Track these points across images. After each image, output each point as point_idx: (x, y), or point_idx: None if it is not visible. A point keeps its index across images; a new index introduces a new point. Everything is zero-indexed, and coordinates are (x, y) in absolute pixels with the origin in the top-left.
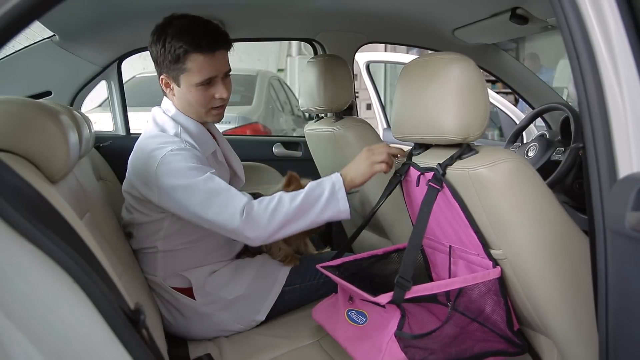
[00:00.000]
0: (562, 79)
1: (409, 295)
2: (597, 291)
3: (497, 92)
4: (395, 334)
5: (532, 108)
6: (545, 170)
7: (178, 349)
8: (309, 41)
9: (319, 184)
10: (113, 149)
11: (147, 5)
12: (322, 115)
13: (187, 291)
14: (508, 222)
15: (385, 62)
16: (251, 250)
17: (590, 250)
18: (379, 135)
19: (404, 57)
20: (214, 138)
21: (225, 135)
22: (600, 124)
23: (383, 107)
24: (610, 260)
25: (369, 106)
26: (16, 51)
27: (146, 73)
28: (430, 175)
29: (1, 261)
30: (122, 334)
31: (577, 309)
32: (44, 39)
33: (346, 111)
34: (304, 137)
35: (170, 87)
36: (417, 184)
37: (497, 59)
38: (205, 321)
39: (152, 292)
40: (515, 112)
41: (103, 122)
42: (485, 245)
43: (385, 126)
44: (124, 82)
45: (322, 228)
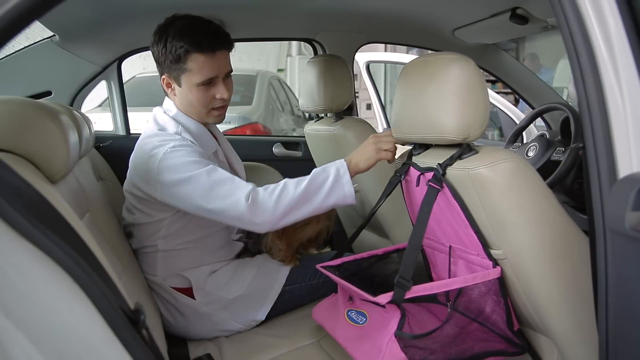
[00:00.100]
0: (562, 79)
1: (409, 295)
2: (597, 291)
3: (497, 92)
4: (395, 334)
5: (532, 108)
6: (545, 170)
7: (178, 349)
8: (309, 41)
9: (324, 169)
10: (113, 149)
11: (147, 5)
12: (322, 115)
13: (187, 291)
14: (508, 222)
15: (385, 62)
16: (251, 250)
17: (590, 250)
18: None
19: (404, 57)
20: (215, 138)
21: (225, 136)
22: (600, 124)
23: (383, 107)
24: (610, 260)
25: (369, 106)
26: (16, 51)
27: (146, 73)
28: (430, 175)
29: (1, 261)
30: (122, 334)
31: (577, 309)
32: (44, 39)
33: (346, 111)
34: (304, 137)
35: (172, 87)
36: (417, 184)
37: (497, 59)
38: (205, 321)
39: (152, 292)
40: (515, 112)
41: (103, 122)
42: (485, 245)
43: (385, 126)
44: (124, 82)
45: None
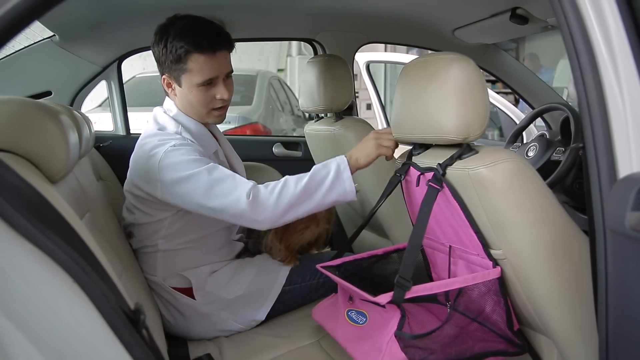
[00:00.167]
0: (562, 79)
1: (409, 295)
2: (597, 291)
3: (497, 92)
4: (395, 334)
5: (532, 108)
6: (545, 170)
7: (178, 349)
8: (309, 41)
9: (324, 166)
10: (113, 149)
11: (147, 5)
12: (322, 115)
13: (187, 291)
14: (508, 222)
15: (385, 62)
16: (251, 250)
17: (590, 250)
18: None
19: (404, 57)
20: (215, 138)
21: (225, 136)
22: (600, 124)
23: (383, 107)
24: (610, 260)
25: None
26: (16, 51)
27: (146, 73)
28: (430, 175)
29: (1, 261)
30: (122, 334)
31: (577, 309)
32: (44, 39)
33: (346, 111)
34: (304, 137)
35: (172, 87)
36: (417, 184)
37: (497, 59)
38: (205, 321)
39: (152, 292)
40: (515, 112)
41: (103, 122)
42: (485, 245)
43: (385, 126)
44: (124, 82)
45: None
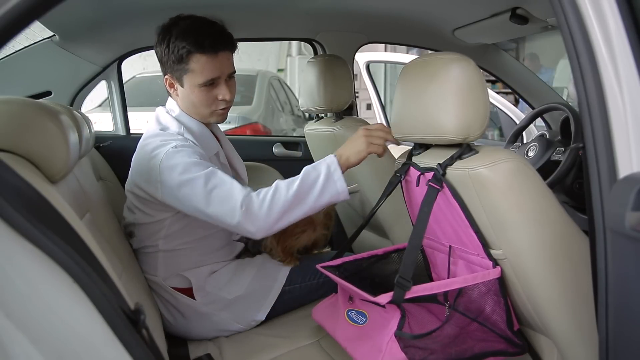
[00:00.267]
0: (562, 79)
1: (409, 295)
2: (597, 291)
3: (497, 92)
4: (395, 334)
5: (532, 108)
6: (545, 170)
7: (178, 349)
8: (309, 41)
9: (314, 168)
10: (113, 149)
11: (147, 5)
12: (322, 115)
13: (187, 291)
14: (508, 222)
15: (385, 62)
16: (251, 250)
17: (590, 250)
18: None
19: (404, 57)
20: (217, 139)
21: (225, 136)
22: (600, 124)
23: (383, 107)
24: (610, 260)
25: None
26: (16, 51)
27: (146, 73)
28: (430, 175)
29: (1, 261)
30: (122, 334)
31: (577, 309)
32: (44, 39)
33: (346, 111)
34: (304, 137)
35: (174, 87)
36: (417, 184)
37: (497, 59)
38: (205, 321)
39: (152, 292)
40: (515, 112)
41: (103, 122)
42: (485, 245)
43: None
44: (124, 82)
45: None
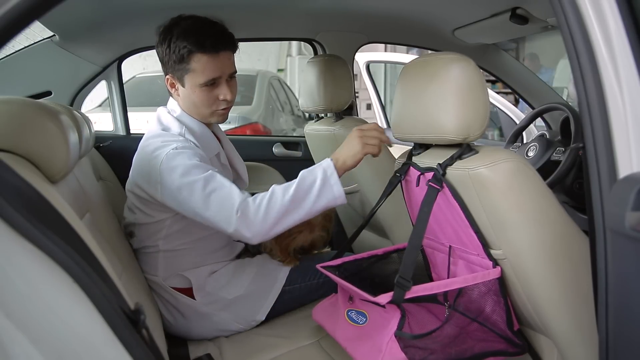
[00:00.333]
0: (562, 79)
1: (409, 295)
2: (597, 291)
3: (497, 92)
4: (395, 334)
5: (532, 108)
6: (545, 170)
7: (178, 349)
8: (309, 41)
9: (310, 172)
10: (113, 149)
11: (147, 5)
12: (322, 115)
13: (187, 291)
14: (508, 222)
15: (385, 62)
16: (251, 251)
17: (590, 250)
18: None
19: (404, 57)
20: (218, 140)
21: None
22: (600, 124)
23: (383, 107)
24: (610, 260)
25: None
26: (16, 51)
27: (146, 73)
28: (430, 175)
29: (1, 261)
30: (122, 334)
31: (577, 309)
32: (44, 39)
33: (346, 111)
34: (304, 137)
35: (175, 87)
36: (417, 184)
37: (497, 59)
38: (205, 321)
39: (152, 292)
40: (515, 112)
41: (103, 122)
42: (485, 245)
43: (385, 126)
44: (124, 82)
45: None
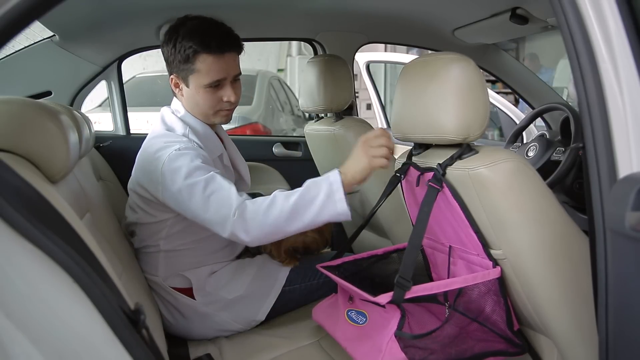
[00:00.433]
0: (562, 79)
1: (409, 295)
2: (597, 291)
3: (497, 92)
4: (395, 334)
5: (532, 108)
6: (545, 170)
7: (178, 349)
8: (309, 41)
9: (316, 183)
10: (113, 149)
11: (147, 5)
12: (322, 115)
13: (187, 291)
14: (508, 222)
15: (385, 62)
16: (251, 251)
17: (590, 250)
18: None
19: (404, 57)
20: (221, 141)
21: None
22: (600, 124)
23: (383, 107)
24: (610, 260)
25: (369, 106)
26: (16, 51)
27: (146, 73)
28: (430, 175)
29: (1, 261)
30: (122, 334)
31: (577, 309)
32: (44, 39)
33: (346, 111)
34: (304, 137)
35: (180, 87)
36: (417, 184)
37: (497, 59)
38: (205, 321)
39: (152, 292)
40: (515, 112)
41: (103, 122)
42: (485, 245)
43: (385, 126)
44: (124, 82)
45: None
